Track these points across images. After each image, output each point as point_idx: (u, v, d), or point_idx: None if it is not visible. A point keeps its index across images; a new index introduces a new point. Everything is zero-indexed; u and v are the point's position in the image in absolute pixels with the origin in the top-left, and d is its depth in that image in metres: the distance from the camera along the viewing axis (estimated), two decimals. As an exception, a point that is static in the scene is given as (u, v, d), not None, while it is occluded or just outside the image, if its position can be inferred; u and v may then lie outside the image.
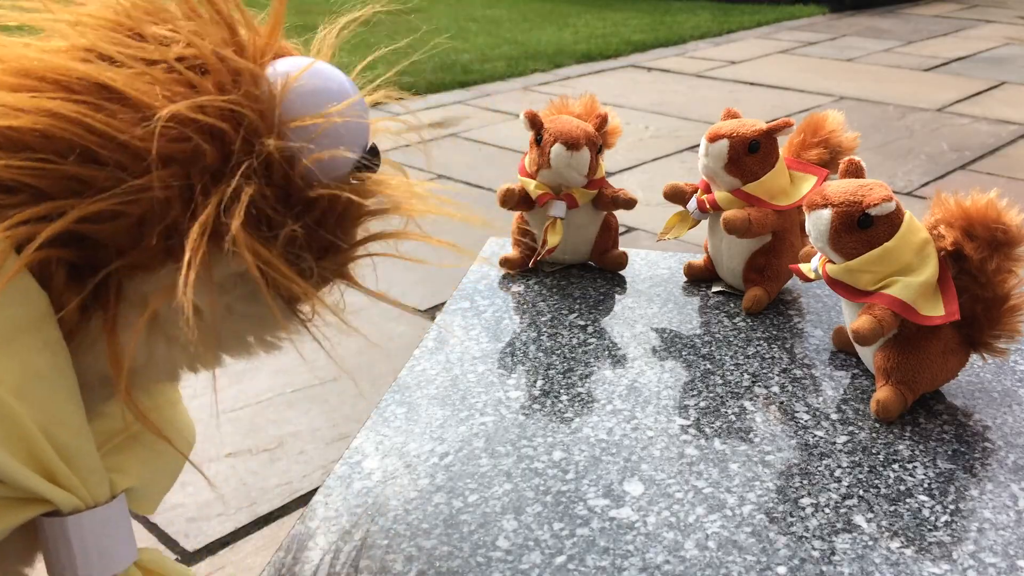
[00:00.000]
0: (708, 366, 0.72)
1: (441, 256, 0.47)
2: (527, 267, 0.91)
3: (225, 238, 0.37)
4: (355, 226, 0.43)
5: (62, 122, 0.37)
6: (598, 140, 0.86)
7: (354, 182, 0.42)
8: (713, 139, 0.80)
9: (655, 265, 0.93)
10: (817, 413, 0.66)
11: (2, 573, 0.45)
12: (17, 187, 0.37)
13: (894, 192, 0.65)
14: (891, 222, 0.64)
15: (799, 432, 0.64)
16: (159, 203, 0.38)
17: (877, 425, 0.65)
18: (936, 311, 0.64)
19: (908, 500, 0.56)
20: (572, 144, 0.84)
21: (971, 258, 0.64)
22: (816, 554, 0.52)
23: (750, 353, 0.74)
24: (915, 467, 0.60)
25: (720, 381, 0.70)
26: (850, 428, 0.64)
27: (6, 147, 0.37)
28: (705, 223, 0.87)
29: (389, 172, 0.45)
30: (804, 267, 0.71)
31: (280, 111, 0.39)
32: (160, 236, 0.38)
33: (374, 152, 0.44)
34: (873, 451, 0.61)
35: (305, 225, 0.41)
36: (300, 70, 0.41)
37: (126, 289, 0.40)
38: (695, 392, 0.69)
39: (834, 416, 0.66)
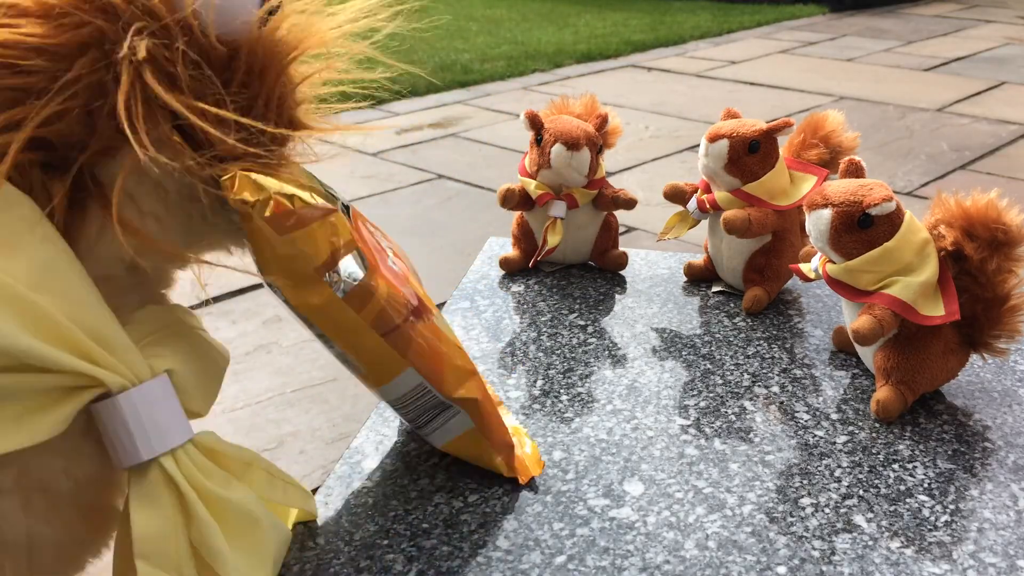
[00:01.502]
0: (708, 366, 0.72)
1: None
2: (527, 267, 0.91)
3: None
4: (286, 69, 0.44)
5: None
6: (598, 140, 0.86)
7: (262, 31, 0.43)
8: (713, 139, 0.80)
9: (655, 265, 0.93)
10: (817, 413, 0.66)
11: (70, 560, 0.46)
12: None
13: (894, 192, 0.65)
14: (891, 222, 0.64)
15: (799, 432, 0.64)
16: (93, 88, 0.40)
17: (877, 425, 0.65)
18: (936, 311, 0.64)
19: (908, 500, 0.56)
20: (572, 144, 0.84)
21: (971, 258, 0.64)
22: (816, 554, 0.52)
23: (750, 353, 0.74)
24: (915, 467, 0.60)
25: (720, 381, 0.70)
26: (850, 428, 0.64)
27: None
28: (705, 223, 0.87)
29: (294, 8, 0.45)
30: (804, 267, 0.71)
31: None
32: (107, 118, 0.40)
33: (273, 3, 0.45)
34: (873, 451, 0.61)
35: (239, 80, 0.42)
36: None
37: (101, 176, 0.42)
38: (695, 392, 0.69)
39: (834, 416, 0.66)
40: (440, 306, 0.64)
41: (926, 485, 0.58)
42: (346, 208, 0.55)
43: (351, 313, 0.51)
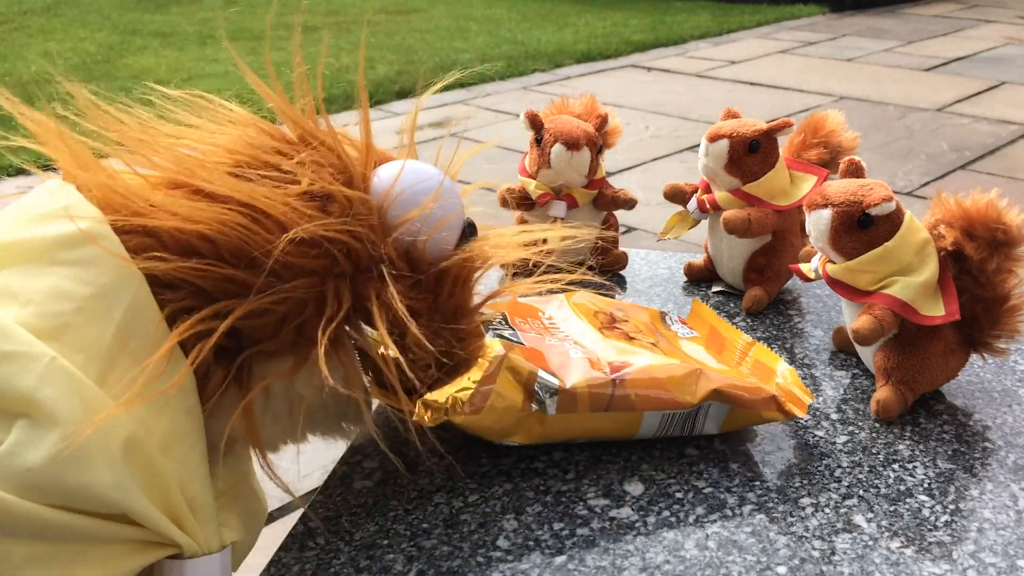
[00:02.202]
0: (708, 366, 0.72)
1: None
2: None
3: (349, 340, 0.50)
4: (473, 286, 0.52)
5: (230, 231, 0.45)
6: (598, 140, 0.86)
7: (462, 253, 0.51)
8: (713, 139, 0.80)
9: (655, 265, 0.93)
10: (817, 413, 0.66)
11: None
12: (178, 284, 0.45)
13: (894, 192, 0.65)
14: (891, 222, 0.64)
15: (799, 432, 0.64)
16: (298, 304, 0.46)
17: (877, 425, 0.65)
18: (936, 311, 0.64)
19: (908, 500, 0.56)
20: (572, 144, 0.84)
21: (971, 258, 0.64)
22: (816, 554, 0.52)
23: (750, 353, 0.74)
24: (915, 467, 0.60)
25: (720, 381, 0.70)
26: (850, 428, 0.64)
27: (172, 248, 0.45)
28: (705, 223, 0.87)
29: (482, 235, 0.53)
30: (804, 267, 0.71)
31: (387, 217, 0.49)
32: (293, 331, 0.47)
33: (472, 226, 0.53)
34: (873, 451, 0.61)
35: (439, 299, 0.50)
36: (394, 178, 0.50)
37: (255, 368, 0.48)
38: (695, 392, 0.68)
39: (834, 416, 0.66)
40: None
41: (926, 485, 0.58)
42: (505, 319, 0.65)
43: (572, 416, 0.58)
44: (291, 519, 1.39)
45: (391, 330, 0.47)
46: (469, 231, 0.52)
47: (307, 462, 1.52)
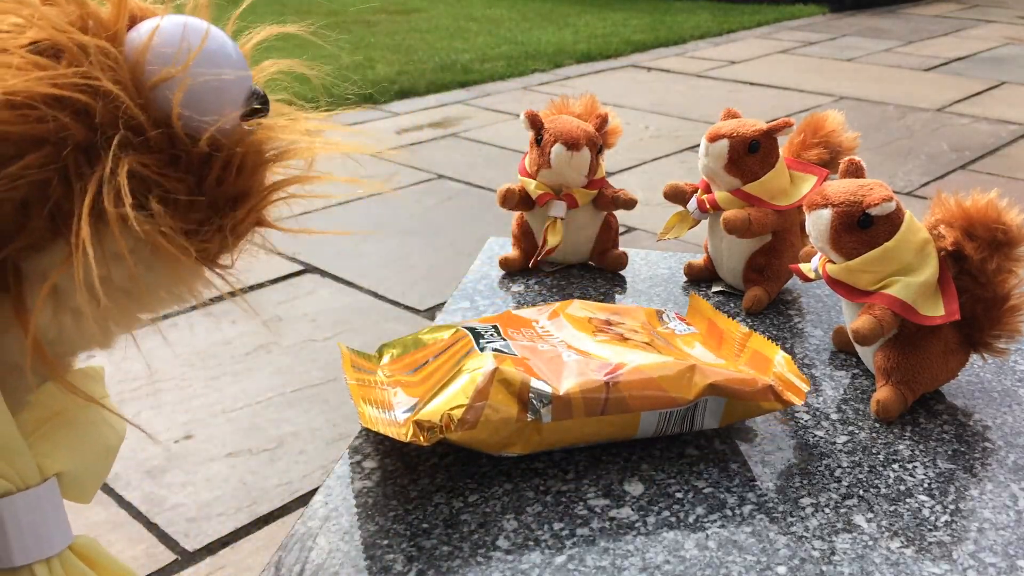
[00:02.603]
0: (708, 366, 0.72)
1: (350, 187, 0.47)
2: (527, 267, 0.91)
3: (109, 216, 0.38)
4: (258, 175, 0.43)
5: None
6: (598, 140, 0.86)
7: (244, 131, 0.42)
8: (713, 139, 0.80)
9: (655, 265, 0.93)
10: (817, 413, 0.66)
11: None
12: None
13: (894, 192, 0.65)
14: (891, 222, 0.64)
15: (799, 432, 0.64)
16: (38, 186, 0.37)
17: (877, 425, 0.65)
18: (936, 311, 0.64)
19: (908, 500, 0.56)
20: (572, 144, 0.84)
21: (971, 258, 0.64)
22: (816, 554, 0.52)
23: (750, 353, 0.74)
24: (915, 467, 0.60)
25: (720, 381, 0.70)
26: (850, 428, 0.64)
27: None
28: (705, 223, 0.87)
29: (281, 114, 0.44)
30: (804, 267, 0.71)
31: (142, 74, 0.39)
32: (45, 217, 0.38)
33: (261, 98, 0.43)
34: (873, 451, 0.61)
35: (208, 181, 0.40)
36: (151, 27, 0.40)
37: (24, 270, 0.40)
38: (695, 392, 0.69)
39: (834, 416, 0.66)
40: (440, 306, 0.65)
41: (926, 485, 0.58)
42: (496, 329, 0.65)
43: (568, 422, 0.57)
44: (291, 519, 1.39)
45: (140, 206, 0.39)
46: (257, 104, 0.43)
47: (307, 462, 1.53)
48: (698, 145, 0.83)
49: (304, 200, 0.45)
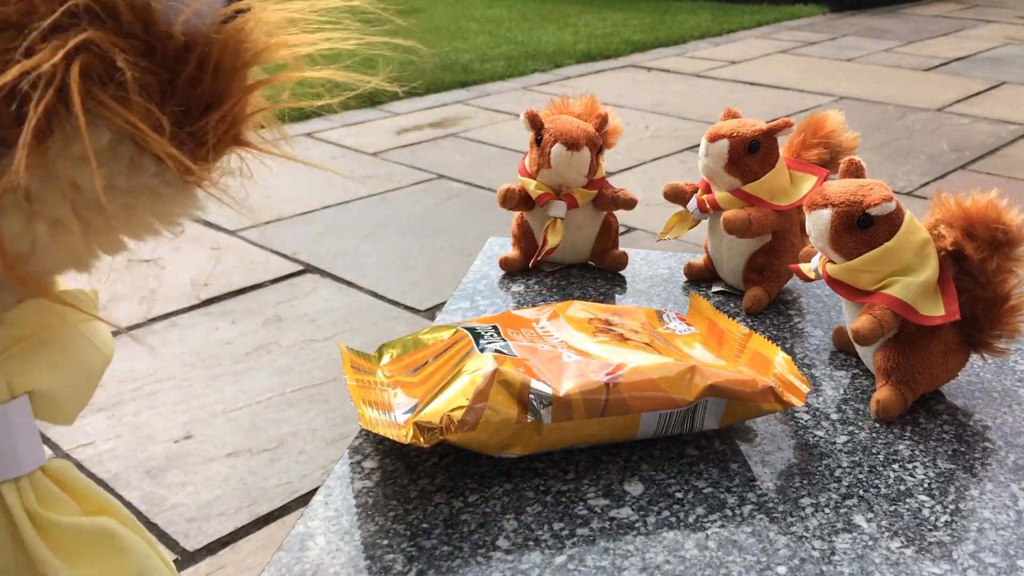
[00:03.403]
0: (708, 366, 0.72)
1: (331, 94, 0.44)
2: (527, 267, 0.91)
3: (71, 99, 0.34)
4: (236, 79, 0.40)
5: None
6: (598, 140, 0.86)
7: (222, 27, 0.39)
8: (713, 139, 0.80)
9: (655, 265, 0.93)
10: (817, 413, 0.66)
11: None
12: None
13: (894, 192, 0.65)
14: (891, 222, 0.64)
15: (799, 432, 0.64)
16: None
17: (877, 425, 0.65)
18: (936, 311, 0.64)
19: (908, 500, 0.56)
20: (572, 144, 0.84)
21: (971, 258, 0.64)
22: (816, 554, 0.52)
23: (750, 353, 0.74)
24: (915, 467, 0.60)
25: (720, 381, 0.70)
26: (850, 428, 0.64)
27: None
28: (705, 223, 0.87)
29: (258, 9, 0.41)
30: (804, 267, 0.71)
31: None
32: (8, 105, 0.35)
33: None
34: (873, 451, 0.61)
35: (182, 79, 0.37)
36: None
37: None
38: (695, 392, 0.69)
39: (834, 416, 0.66)
40: (440, 306, 0.65)
41: (926, 485, 0.58)
42: (496, 329, 0.64)
43: (568, 424, 0.57)
44: (291, 519, 1.39)
45: (116, 98, 0.36)
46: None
47: (307, 462, 1.53)
48: (698, 145, 0.83)
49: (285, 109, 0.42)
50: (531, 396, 0.57)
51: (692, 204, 0.85)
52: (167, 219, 0.42)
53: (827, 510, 0.55)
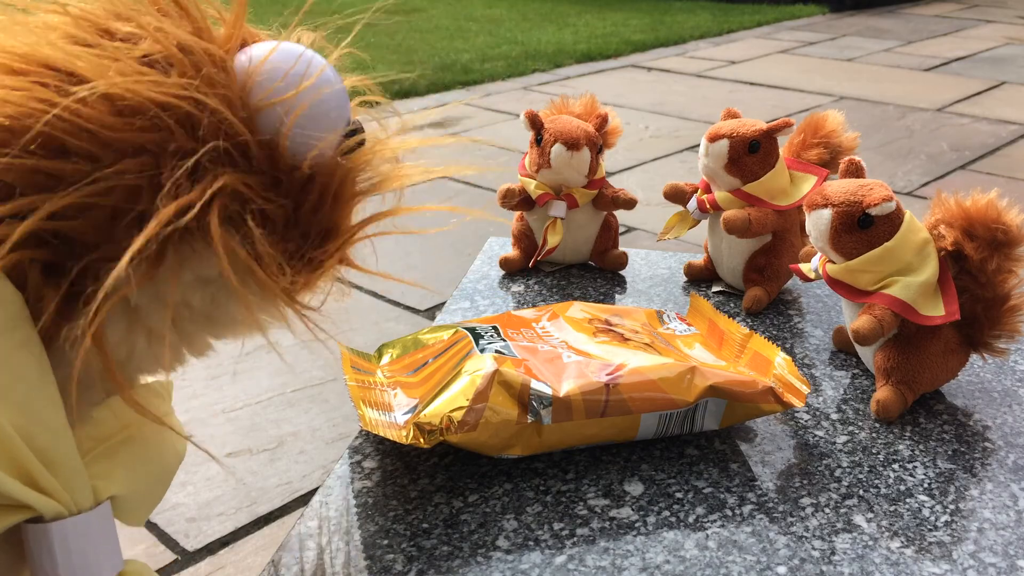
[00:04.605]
0: (708, 366, 0.72)
1: (439, 225, 0.46)
2: (527, 267, 0.91)
3: (196, 234, 0.37)
4: (351, 206, 0.42)
5: (24, 110, 0.35)
6: (598, 140, 0.86)
7: (342, 160, 0.41)
8: (713, 139, 0.80)
9: (655, 265, 0.93)
10: (817, 413, 0.66)
11: None
12: None
13: (894, 192, 0.65)
14: (891, 222, 0.64)
15: (799, 432, 0.64)
16: (129, 193, 0.36)
17: (877, 425, 0.65)
18: (936, 311, 0.64)
19: (908, 500, 0.56)
20: (572, 144, 0.84)
21: (971, 258, 0.64)
22: (816, 554, 0.52)
23: (750, 353, 0.74)
24: (915, 467, 0.60)
25: (720, 381, 0.70)
26: (850, 428, 0.64)
27: None
28: (705, 223, 0.87)
29: (375, 141, 0.44)
30: (804, 267, 0.71)
31: (250, 94, 0.39)
32: (133, 228, 0.37)
33: (357, 126, 0.43)
34: (873, 451, 0.61)
35: (305, 208, 0.40)
36: (267, 51, 0.40)
37: (102, 281, 0.38)
38: (695, 392, 0.68)
39: (834, 416, 0.66)
40: (440, 306, 0.65)
41: (926, 485, 0.58)
42: (496, 329, 0.64)
43: (568, 424, 0.58)
44: (291, 519, 1.39)
45: (236, 232, 0.38)
46: (354, 133, 0.43)
47: (307, 462, 1.53)
48: (698, 145, 0.83)
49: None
50: (531, 397, 0.57)
51: (692, 204, 0.85)
52: (255, 326, 0.44)
53: (827, 510, 0.55)
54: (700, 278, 0.89)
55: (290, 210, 0.39)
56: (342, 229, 0.42)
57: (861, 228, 0.64)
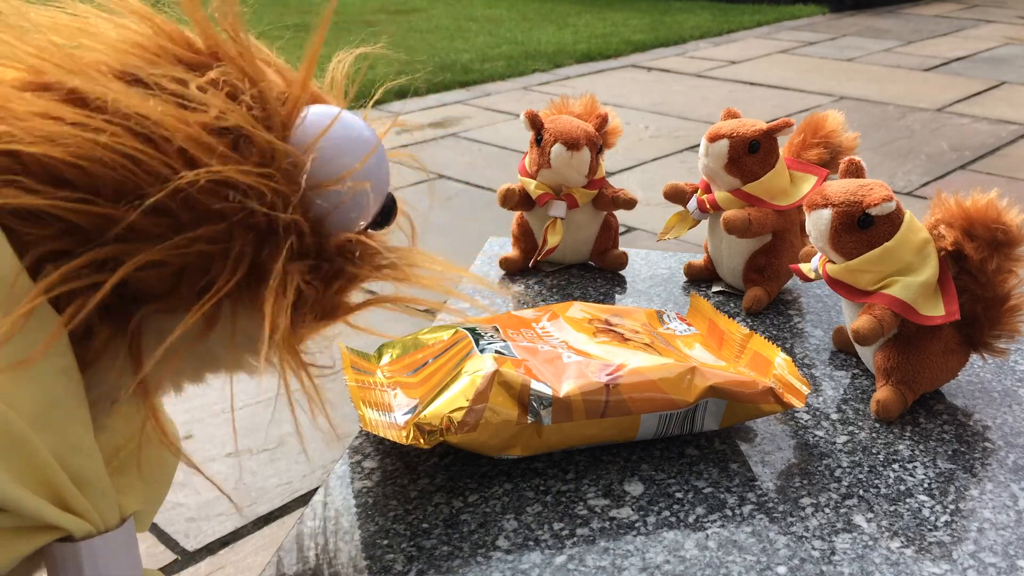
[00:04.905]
0: (708, 366, 0.72)
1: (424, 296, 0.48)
2: (527, 267, 0.91)
3: (245, 297, 0.39)
4: (361, 283, 0.45)
5: (110, 156, 0.36)
6: (598, 140, 0.86)
7: (377, 260, 0.43)
8: (713, 139, 0.80)
9: (655, 265, 0.93)
10: (817, 413, 0.66)
11: None
12: (46, 219, 0.36)
13: (894, 192, 0.65)
14: (891, 222, 0.64)
15: (799, 432, 0.64)
16: (202, 257, 0.38)
17: (877, 425, 0.65)
18: (936, 311, 0.64)
19: (908, 500, 0.56)
20: (572, 144, 0.84)
21: (971, 258, 0.64)
22: (816, 554, 0.52)
23: (750, 353, 0.74)
24: (915, 467, 0.60)
25: (720, 381, 0.70)
26: (850, 428, 0.64)
27: (36, 172, 0.35)
28: (705, 223, 0.87)
29: (393, 236, 0.46)
30: (804, 267, 0.71)
31: (307, 175, 0.40)
32: (195, 287, 0.39)
33: (393, 206, 0.45)
34: (873, 451, 0.61)
35: (327, 293, 0.42)
36: (325, 121, 0.41)
37: (145, 325, 0.40)
38: (695, 392, 0.68)
39: (834, 416, 0.66)
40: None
41: (926, 485, 0.58)
42: (496, 330, 0.64)
43: (568, 425, 0.57)
44: (291, 519, 1.39)
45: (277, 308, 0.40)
46: (388, 212, 0.45)
47: (307, 462, 1.53)
48: (698, 145, 0.83)
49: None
50: (531, 397, 0.57)
51: (692, 204, 0.85)
52: (247, 367, 0.48)
53: (827, 510, 0.55)
54: (700, 278, 0.89)
55: (321, 292, 0.41)
56: (344, 309, 0.44)
57: (861, 228, 0.64)
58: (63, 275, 0.35)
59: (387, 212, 0.44)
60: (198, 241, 0.37)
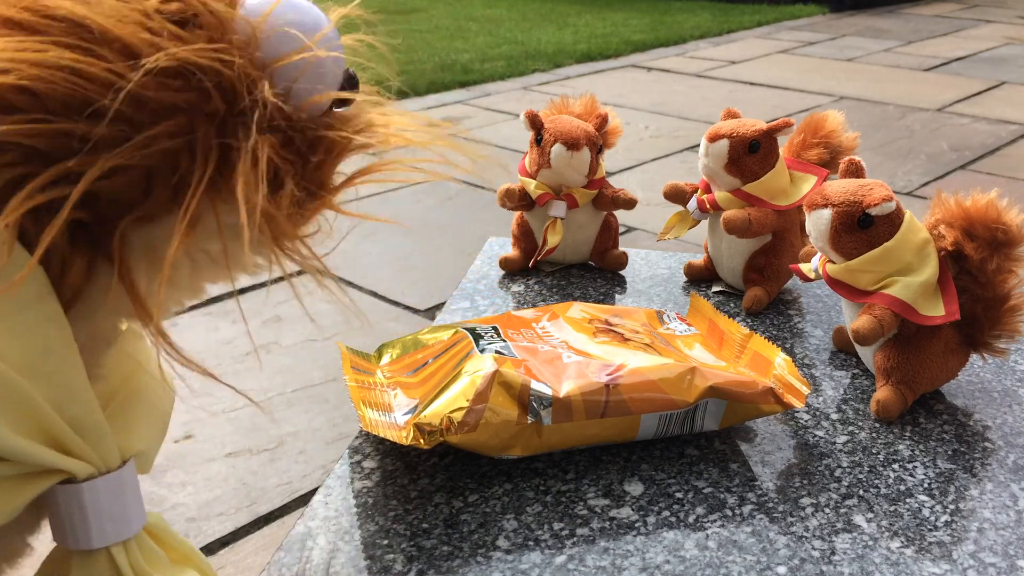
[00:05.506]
0: (708, 366, 0.72)
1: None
2: (527, 267, 0.91)
3: (222, 186, 0.38)
4: (343, 159, 0.43)
5: (53, 74, 0.34)
6: (598, 140, 0.86)
7: (342, 114, 0.42)
8: (713, 139, 0.80)
9: (655, 265, 0.93)
10: (817, 413, 0.66)
11: (7, 544, 0.44)
12: (5, 145, 0.35)
13: (894, 192, 0.65)
14: (891, 222, 0.64)
15: (799, 432, 0.64)
16: (168, 155, 0.37)
17: (877, 425, 0.65)
18: (936, 311, 0.64)
19: (908, 500, 0.56)
20: (572, 144, 0.84)
21: (971, 258, 0.64)
22: (816, 554, 0.52)
23: (750, 353, 0.74)
24: (915, 467, 0.60)
25: (720, 381, 0.70)
26: (850, 428, 0.64)
27: None
28: (705, 223, 0.87)
29: (367, 101, 0.44)
30: (804, 267, 0.71)
31: (261, 52, 0.39)
32: (168, 188, 0.37)
33: (353, 79, 0.43)
34: (873, 451, 0.61)
35: (307, 168, 0.41)
36: (270, 6, 0.39)
37: (131, 239, 0.39)
38: (695, 392, 0.68)
39: (834, 416, 0.66)
40: (440, 306, 0.65)
41: (926, 485, 0.58)
42: (496, 330, 0.64)
43: (568, 425, 0.57)
44: (291, 519, 1.39)
45: (254, 190, 0.38)
46: (349, 84, 0.43)
47: (307, 462, 1.53)
48: (698, 145, 0.83)
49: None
50: (531, 397, 0.57)
51: (692, 204, 0.85)
52: (249, 268, 0.45)
53: (827, 510, 0.55)
54: (700, 278, 0.89)
55: (299, 167, 0.40)
56: (333, 182, 0.43)
57: (861, 228, 0.64)
58: (28, 192, 0.34)
59: (351, 80, 0.43)
60: (159, 139, 0.36)
